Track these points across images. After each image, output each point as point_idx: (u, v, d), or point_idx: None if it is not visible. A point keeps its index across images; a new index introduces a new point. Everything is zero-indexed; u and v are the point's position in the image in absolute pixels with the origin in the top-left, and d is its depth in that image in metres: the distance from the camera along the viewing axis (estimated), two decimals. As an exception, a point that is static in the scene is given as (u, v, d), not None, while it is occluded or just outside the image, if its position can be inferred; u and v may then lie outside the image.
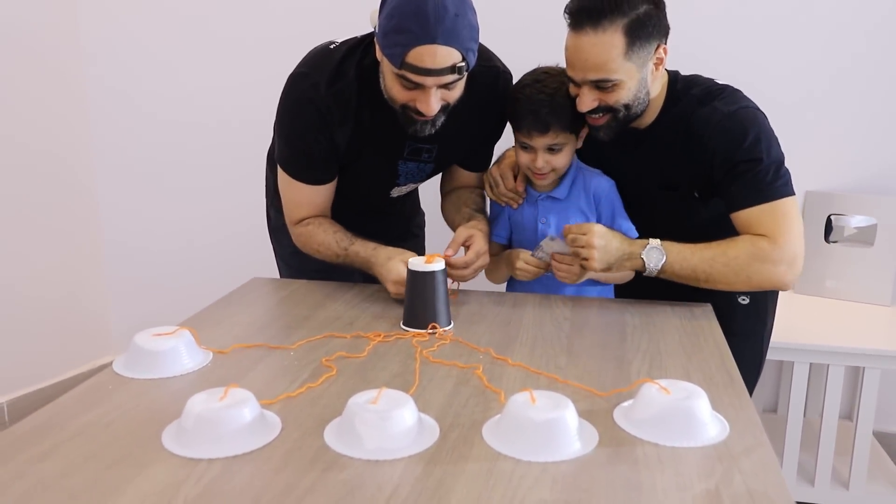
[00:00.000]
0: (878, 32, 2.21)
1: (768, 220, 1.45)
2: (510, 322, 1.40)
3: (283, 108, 1.54)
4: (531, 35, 1.76)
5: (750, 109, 1.48)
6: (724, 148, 1.46)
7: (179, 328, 1.21)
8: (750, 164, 1.45)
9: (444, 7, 1.29)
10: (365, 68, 1.49)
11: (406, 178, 1.66)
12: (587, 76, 1.43)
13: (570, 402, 0.95)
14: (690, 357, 1.24)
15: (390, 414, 0.92)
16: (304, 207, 1.61)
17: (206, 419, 0.92)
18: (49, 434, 0.96)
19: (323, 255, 1.59)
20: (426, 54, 1.31)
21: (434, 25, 1.29)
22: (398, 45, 1.32)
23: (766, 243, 1.45)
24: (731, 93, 1.51)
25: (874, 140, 2.27)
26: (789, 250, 1.44)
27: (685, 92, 1.53)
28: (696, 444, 0.94)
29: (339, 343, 1.28)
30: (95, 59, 2.64)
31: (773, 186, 1.45)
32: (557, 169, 1.57)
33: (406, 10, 1.30)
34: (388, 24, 1.33)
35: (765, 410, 2.46)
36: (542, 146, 1.53)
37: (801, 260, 1.46)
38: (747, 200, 1.46)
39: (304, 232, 1.61)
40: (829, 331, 2.06)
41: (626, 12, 1.39)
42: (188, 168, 2.69)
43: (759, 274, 1.45)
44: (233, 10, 2.53)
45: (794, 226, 1.45)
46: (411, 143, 1.57)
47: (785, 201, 1.45)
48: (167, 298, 2.65)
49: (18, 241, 2.48)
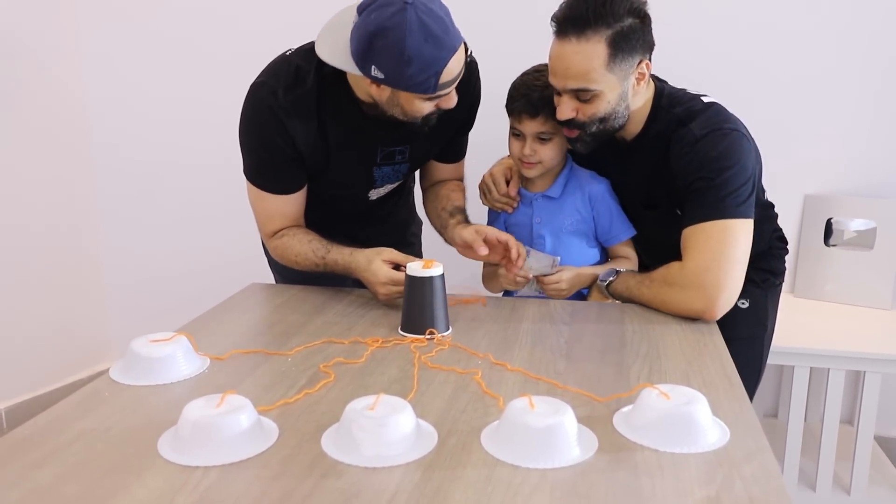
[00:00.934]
0: (878, 37, 2.20)
1: (690, 241, 1.44)
2: (509, 327, 1.40)
3: (245, 117, 1.52)
4: (527, 38, 1.76)
5: (723, 131, 1.46)
6: (687, 169, 1.46)
7: (176, 334, 1.20)
8: (701, 181, 1.44)
9: (438, 17, 1.31)
10: (325, 76, 1.47)
11: (383, 181, 1.65)
12: (568, 84, 1.44)
13: (568, 408, 0.94)
14: (690, 362, 1.23)
15: (388, 420, 0.92)
16: (276, 219, 1.60)
17: (202, 426, 0.92)
18: (45, 441, 0.95)
19: (302, 265, 1.57)
20: (453, 65, 1.35)
21: (447, 39, 1.32)
22: (430, 76, 1.33)
23: (676, 266, 1.45)
24: (711, 114, 1.49)
25: (873, 143, 2.26)
26: (697, 275, 1.40)
27: (668, 109, 1.53)
28: (697, 450, 0.94)
29: (337, 349, 1.28)
30: (94, 65, 2.64)
31: (716, 207, 1.42)
32: (545, 161, 1.58)
33: (418, 45, 1.29)
34: (408, 68, 1.31)
35: (765, 415, 2.45)
36: (532, 132, 1.55)
37: (721, 288, 1.39)
38: (686, 220, 1.46)
39: (279, 245, 1.60)
40: (829, 335, 2.05)
41: (611, 24, 1.40)
42: (186, 175, 2.68)
43: (670, 299, 1.45)
44: (233, 24, 2.54)
45: (718, 249, 1.40)
46: (384, 147, 1.57)
47: (721, 223, 1.41)
48: (165, 305, 2.63)
49: (17, 246, 2.48)
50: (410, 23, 1.28)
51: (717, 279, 1.40)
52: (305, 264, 1.57)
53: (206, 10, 2.56)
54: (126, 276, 2.79)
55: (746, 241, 1.43)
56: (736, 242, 1.42)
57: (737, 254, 1.42)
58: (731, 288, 1.41)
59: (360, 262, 1.48)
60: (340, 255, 1.52)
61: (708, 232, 1.42)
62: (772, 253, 1.69)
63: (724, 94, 1.70)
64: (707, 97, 1.55)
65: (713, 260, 1.40)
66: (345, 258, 1.51)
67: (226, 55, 2.55)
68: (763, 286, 1.63)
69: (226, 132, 2.57)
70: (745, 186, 1.44)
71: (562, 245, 1.64)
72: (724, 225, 1.42)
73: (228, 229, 2.62)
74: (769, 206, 1.70)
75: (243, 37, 2.54)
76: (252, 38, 2.51)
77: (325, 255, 1.54)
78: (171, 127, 2.65)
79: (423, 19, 1.29)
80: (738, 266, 1.42)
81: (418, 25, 1.28)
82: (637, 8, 1.43)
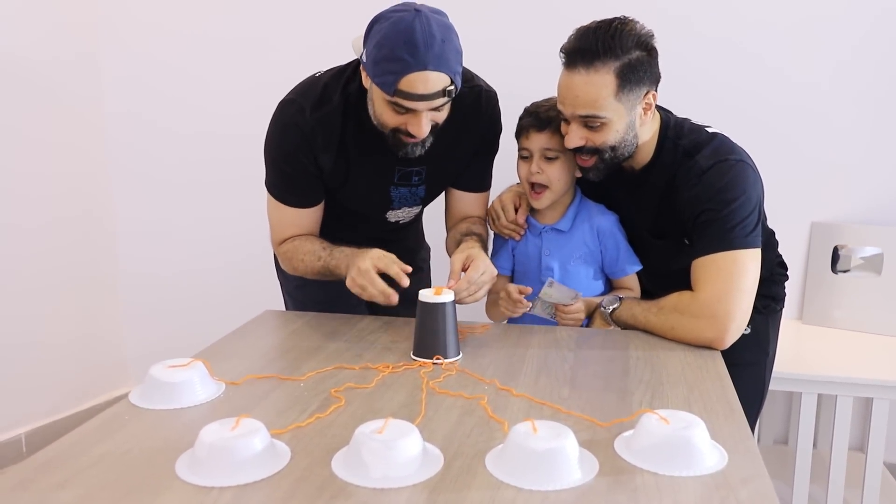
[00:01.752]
0: (885, 64, 2.24)
1: (701, 273, 1.48)
2: (515, 353, 1.43)
3: (271, 132, 1.60)
4: (532, 72, 1.81)
5: (728, 163, 1.49)
6: (694, 201, 1.50)
7: (193, 360, 1.25)
8: (708, 213, 1.48)
9: (431, 34, 1.35)
10: (350, 95, 1.54)
11: (400, 203, 1.70)
12: (577, 111, 1.48)
13: (570, 432, 0.98)
14: (692, 388, 1.26)
15: (396, 443, 0.95)
16: (289, 230, 1.66)
17: (218, 448, 0.96)
18: (67, 463, 1.00)
19: (307, 264, 1.61)
20: (418, 81, 1.37)
21: (424, 52, 1.35)
22: (390, 74, 1.37)
23: (687, 296, 1.48)
24: (716, 145, 1.53)
25: (878, 171, 2.29)
26: (710, 305, 1.44)
27: (674, 140, 1.56)
28: (695, 473, 0.96)
29: (348, 374, 1.32)
30: (114, 92, 2.72)
31: (724, 238, 1.46)
32: (552, 182, 1.61)
33: (396, 40, 1.35)
34: (379, 54, 1.38)
35: (775, 442, 2.46)
36: (538, 147, 1.59)
37: (732, 318, 1.43)
38: (696, 251, 1.50)
39: (288, 248, 1.65)
40: (837, 361, 2.06)
41: (619, 56, 1.44)
42: (202, 202, 2.75)
43: (680, 326, 1.48)
44: (253, 48, 2.61)
45: (729, 280, 1.45)
46: (400, 167, 1.62)
47: (730, 254, 1.46)
48: (181, 329, 2.68)
49: (36, 272, 2.54)
50: (403, 22, 1.35)
51: (728, 309, 1.43)
52: (310, 261, 1.60)
53: (226, 37, 2.63)
54: (144, 302, 2.85)
55: (755, 270, 1.47)
56: (745, 273, 1.46)
57: (746, 284, 1.46)
58: (741, 317, 1.45)
59: (359, 252, 1.51)
60: (342, 252, 1.55)
61: (718, 263, 1.46)
62: (773, 279, 1.71)
63: (732, 122, 1.75)
64: (711, 128, 1.59)
65: (724, 291, 1.44)
66: (346, 251, 1.54)
67: (246, 82, 2.63)
68: (765, 312, 1.65)
69: (243, 156, 2.65)
70: (752, 216, 1.47)
71: (569, 276, 1.67)
72: (733, 256, 1.46)
73: (245, 254, 2.68)
74: (771, 234, 1.73)
75: (264, 62, 2.61)
76: (273, 61, 2.59)
77: (332, 251, 1.58)
78: (190, 155, 2.72)
79: (415, 27, 1.34)
80: (747, 296, 1.46)
81: (407, 28, 1.34)
82: (644, 41, 1.47)
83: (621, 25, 1.46)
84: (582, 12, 1.57)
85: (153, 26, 2.66)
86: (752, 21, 2.28)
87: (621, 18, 1.47)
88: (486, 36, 2.20)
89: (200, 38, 2.65)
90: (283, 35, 2.58)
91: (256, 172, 1.64)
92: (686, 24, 2.29)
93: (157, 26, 2.66)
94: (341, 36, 1.74)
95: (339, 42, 1.69)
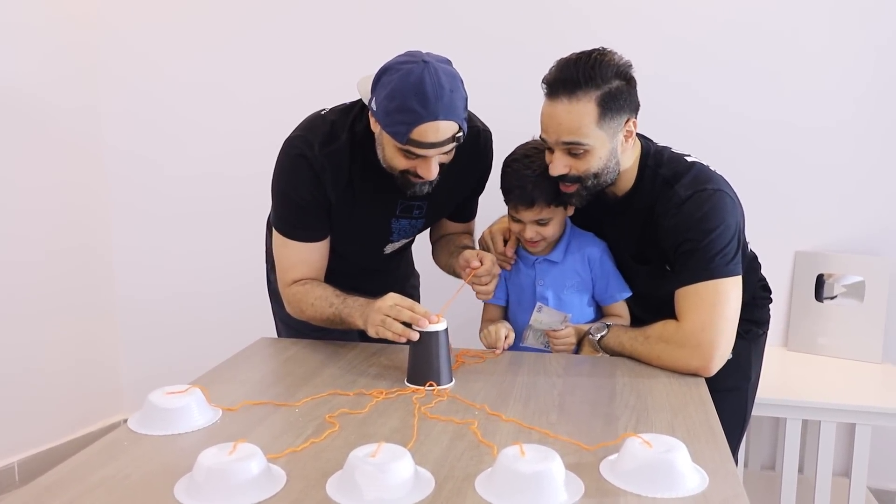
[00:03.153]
0: (867, 97, 2.30)
1: (684, 302, 1.52)
2: (505, 380, 1.47)
3: (280, 166, 1.64)
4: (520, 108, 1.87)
5: (707, 192, 1.53)
6: (675, 231, 1.53)
7: (191, 387, 1.28)
8: (689, 243, 1.51)
9: (440, 85, 1.41)
10: (356, 133, 1.60)
11: (399, 235, 1.75)
12: (561, 138, 1.52)
13: (557, 455, 1.01)
14: (676, 413, 1.30)
15: (388, 467, 0.99)
16: (298, 267, 1.67)
17: (216, 472, 0.99)
18: (69, 487, 1.02)
19: (316, 309, 1.62)
20: (430, 131, 1.42)
21: (434, 104, 1.40)
22: (402, 124, 1.42)
23: (672, 325, 1.53)
24: (695, 173, 1.57)
25: (861, 202, 2.35)
26: (694, 335, 1.48)
27: (654, 169, 1.61)
28: (677, 495, 1.00)
29: (342, 400, 1.35)
30: (113, 130, 2.78)
31: (706, 268, 1.50)
32: (548, 238, 1.67)
33: (406, 92, 1.40)
34: (390, 105, 1.42)
35: (763, 468, 2.49)
36: (529, 220, 1.63)
37: (716, 346, 1.47)
38: (678, 281, 1.54)
39: (298, 291, 1.66)
40: (820, 387, 2.10)
41: (600, 85, 1.49)
42: (197, 233, 2.81)
43: (666, 355, 1.52)
44: (247, 77, 2.68)
45: (711, 309, 1.49)
46: (403, 201, 1.67)
47: (711, 284, 1.50)
48: (177, 356, 2.71)
49: (35, 299, 2.57)
50: (413, 74, 1.40)
51: (711, 338, 1.48)
52: (320, 307, 1.61)
53: (220, 80, 2.70)
54: (141, 330, 2.88)
55: (737, 297, 1.52)
56: (727, 301, 1.50)
57: (728, 312, 1.50)
58: (725, 345, 1.49)
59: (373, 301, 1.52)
60: (356, 301, 1.57)
61: (700, 293, 1.50)
62: (756, 304, 1.75)
63: (718, 154, 1.79)
64: (690, 157, 1.63)
65: (707, 320, 1.48)
66: (360, 300, 1.57)
67: (240, 124, 2.70)
68: (747, 337, 1.69)
69: (238, 193, 2.71)
70: (731, 244, 1.52)
71: (563, 304, 1.71)
72: (714, 285, 1.50)
73: (237, 283, 2.73)
74: (753, 258, 1.77)
75: (256, 104, 2.68)
76: (263, 102, 2.65)
77: (345, 299, 1.59)
78: (186, 189, 2.78)
79: (424, 78, 1.40)
80: (730, 324, 1.50)
81: (417, 80, 1.40)
82: (623, 71, 1.52)
83: (601, 56, 1.51)
84: (564, 48, 1.61)
85: (152, 67, 2.74)
86: (741, 59, 2.35)
87: (600, 49, 1.53)
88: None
89: (195, 81, 2.73)
90: (275, 77, 2.65)
91: (249, 206, 1.69)
92: (686, 50, 2.36)
93: (156, 69, 2.74)
94: (339, 78, 1.82)
95: (338, 86, 1.77)
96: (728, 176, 1.63)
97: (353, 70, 1.65)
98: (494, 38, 2.46)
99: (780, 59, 2.33)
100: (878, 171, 2.33)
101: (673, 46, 2.36)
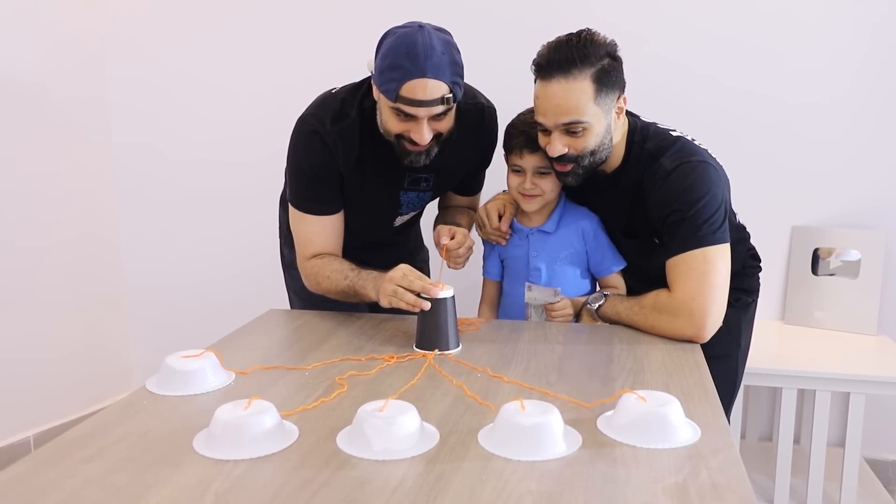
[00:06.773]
0: (862, 72, 2.33)
1: (675, 272, 1.57)
2: (507, 346, 1.52)
3: (293, 143, 1.70)
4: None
5: (691, 163, 1.57)
6: (662, 203, 1.58)
7: (205, 351, 1.34)
8: (676, 214, 1.56)
9: (431, 46, 1.47)
10: (365, 109, 1.66)
11: (407, 207, 1.81)
12: (559, 120, 1.55)
13: (555, 409, 1.07)
14: (671, 374, 1.35)
15: (395, 420, 1.04)
16: (315, 241, 1.73)
17: (232, 425, 1.04)
18: (93, 441, 1.08)
19: (333, 281, 1.67)
20: (418, 87, 1.48)
21: (423, 62, 1.47)
22: (393, 81, 1.49)
23: (665, 295, 1.57)
24: (679, 147, 1.61)
25: (857, 177, 2.38)
26: (686, 303, 1.52)
27: (640, 144, 1.65)
28: (669, 446, 1.05)
29: (351, 364, 1.40)
30: (119, 110, 2.82)
31: (694, 237, 1.54)
32: (545, 193, 1.71)
33: (399, 50, 1.48)
34: (384, 64, 1.50)
35: (760, 439, 2.54)
36: (532, 166, 1.68)
37: (708, 313, 1.51)
38: (668, 251, 1.58)
39: (316, 264, 1.71)
40: (816, 358, 2.15)
41: (594, 63, 1.53)
42: (204, 218, 2.86)
43: (660, 324, 1.57)
44: (250, 66, 2.72)
45: (701, 277, 1.52)
46: (410, 174, 1.72)
47: (700, 252, 1.53)
48: (185, 335, 2.76)
49: (44, 287, 2.63)
50: (408, 36, 1.48)
51: (703, 306, 1.52)
52: (336, 279, 1.66)
53: (224, 64, 2.74)
54: (149, 310, 2.94)
55: (726, 265, 1.56)
56: (716, 269, 1.54)
57: (718, 279, 1.54)
58: (716, 312, 1.54)
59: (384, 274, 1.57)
60: (369, 275, 1.62)
61: (689, 262, 1.55)
62: (745, 272, 1.80)
63: (714, 130, 1.84)
64: (675, 131, 1.67)
65: (698, 289, 1.52)
66: (373, 273, 1.61)
67: (244, 112, 2.74)
68: (736, 305, 1.73)
69: (246, 171, 2.76)
70: (718, 213, 1.56)
71: (556, 276, 1.76)
72: (703, 253, 1.54)
73: (244, 267, 2.79)
74: (741, 229, 1.81)
75: (260, 93, 2.72)
76: (270, 83, 2.69)
77: (360, 272, 1.64)
78: (193, 167, 2.83)
79: (417, 40, 1.47)
80: (720, 291, 1.54)
81: (409, 41, 1.47)
82: (611, 50, 1.57)
83: (589, 35, 1.55)
84: (562, 27, 1.65)
85: (157, 55, 2.79)
86: (737, 36, 2.38)
87: (587, 30, 1.56)
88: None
89: (200, 69, 2.76)
90: (279, 66, 2.69)
91: (255, 192, 1.73)
92: (683, 28, 2.40)
93: (162, 57, 2.78)
94: (342, 65, 1.87)
95: (342, 72, 1.81)
96: (724, 152, 1.67)
97: (356, 57, 1.70)
98: (494, 16, 2.49)
99: (775, 36, 2.36)
100: (873, 146, 2.37)
101: (667, 24, 2.39)
